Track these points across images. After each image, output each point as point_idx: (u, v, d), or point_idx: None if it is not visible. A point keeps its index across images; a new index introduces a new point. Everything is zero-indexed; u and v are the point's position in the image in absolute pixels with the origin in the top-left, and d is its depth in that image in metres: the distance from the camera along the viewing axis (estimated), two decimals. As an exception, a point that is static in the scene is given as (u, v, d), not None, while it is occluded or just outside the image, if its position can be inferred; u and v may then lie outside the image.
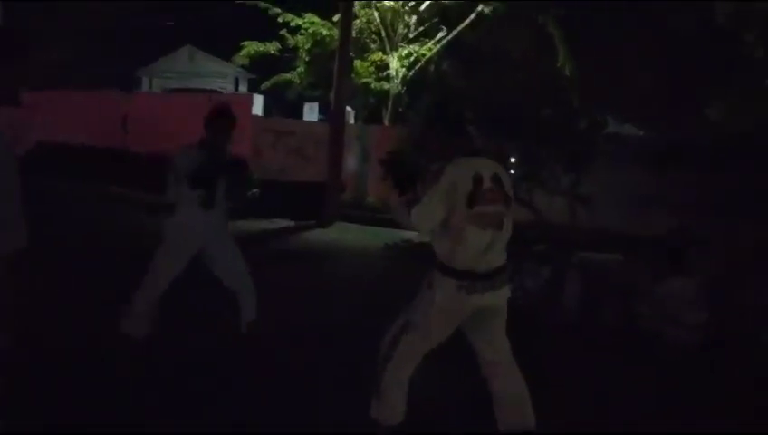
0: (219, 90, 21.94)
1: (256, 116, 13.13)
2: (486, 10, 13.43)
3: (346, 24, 11.53)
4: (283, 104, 19.94)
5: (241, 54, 15.90)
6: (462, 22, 14.01)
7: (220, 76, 24.39)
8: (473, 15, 13.71)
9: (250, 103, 12.77)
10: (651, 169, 9.96)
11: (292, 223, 10.16)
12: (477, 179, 2.65)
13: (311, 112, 18.51)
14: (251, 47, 15.66)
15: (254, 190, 4.14)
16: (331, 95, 11.61)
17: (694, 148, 9.75)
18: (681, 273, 4.83)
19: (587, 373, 4.18)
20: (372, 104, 16.14)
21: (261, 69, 17.84)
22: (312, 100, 18.17)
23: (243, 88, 23.95)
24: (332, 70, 11.63)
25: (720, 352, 4.58)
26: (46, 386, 3.24)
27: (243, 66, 17.43)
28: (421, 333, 2.75)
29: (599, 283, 5.34)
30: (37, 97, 14.54)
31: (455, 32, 14.11)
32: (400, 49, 14.48)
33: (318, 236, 9.59)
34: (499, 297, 2.77)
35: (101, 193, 11.37)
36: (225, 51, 19.88)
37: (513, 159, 8.13)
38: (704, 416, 3.59)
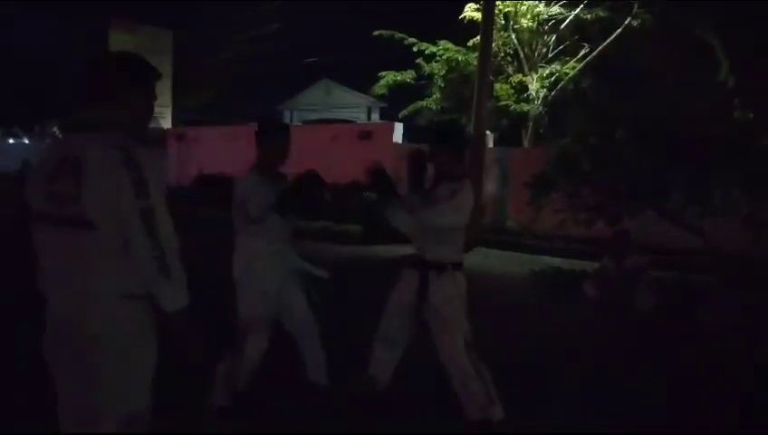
0: (354, 120, 22.88)
1: (397, 143, 13.46)
2: (635, 23, 12.75)
3: (486, 48, 11.47)
4: (414, 130, 20.37)
5: (380, 85, 16.42)
6: (605, 38, 13.42)
7: (354, 107, 25.56)
8: (619, 30, 13.08)
9: (392, 131, 13.12)
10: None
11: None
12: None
13: (442, 138, 18.62)
14: (389, 77, 16.11)
15: None
16: (465, 119, 11.54)
17: None
18: None
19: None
20: (505, 126, 15.90)
21: (391, 98, 18.32)
22: (442, 125, 18.28)
23: (375, 116, 24.82)
24: (466, 94, 11.52)
25: None
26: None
27: (378, 96, 17.99)
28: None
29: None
30: (194, 132, 16.01)
31: (600, 48, 13.53)
32: (540, 69, 14.16)
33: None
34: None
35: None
36: (356, 82, 20.71)
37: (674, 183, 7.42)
38: None
